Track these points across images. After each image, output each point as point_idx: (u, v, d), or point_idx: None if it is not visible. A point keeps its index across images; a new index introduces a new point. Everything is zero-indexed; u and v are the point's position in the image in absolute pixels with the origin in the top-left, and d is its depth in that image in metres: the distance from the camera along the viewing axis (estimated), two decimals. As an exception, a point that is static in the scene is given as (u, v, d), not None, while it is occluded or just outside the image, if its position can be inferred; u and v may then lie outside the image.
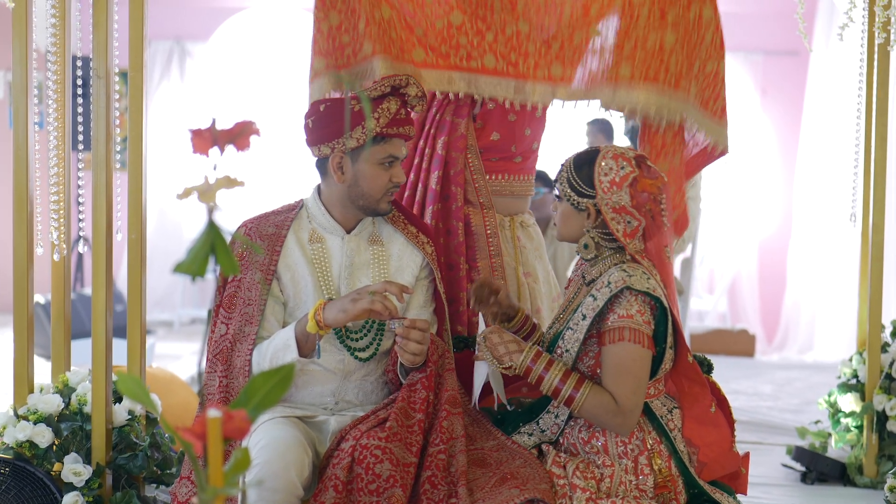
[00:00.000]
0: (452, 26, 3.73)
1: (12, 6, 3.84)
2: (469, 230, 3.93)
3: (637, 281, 3.16)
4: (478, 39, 3.74)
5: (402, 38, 3.77)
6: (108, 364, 3.95)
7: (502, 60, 3.75)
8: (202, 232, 1.96)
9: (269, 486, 3.04)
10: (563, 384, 3.20)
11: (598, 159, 3.25)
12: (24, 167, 3.96)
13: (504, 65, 3.76)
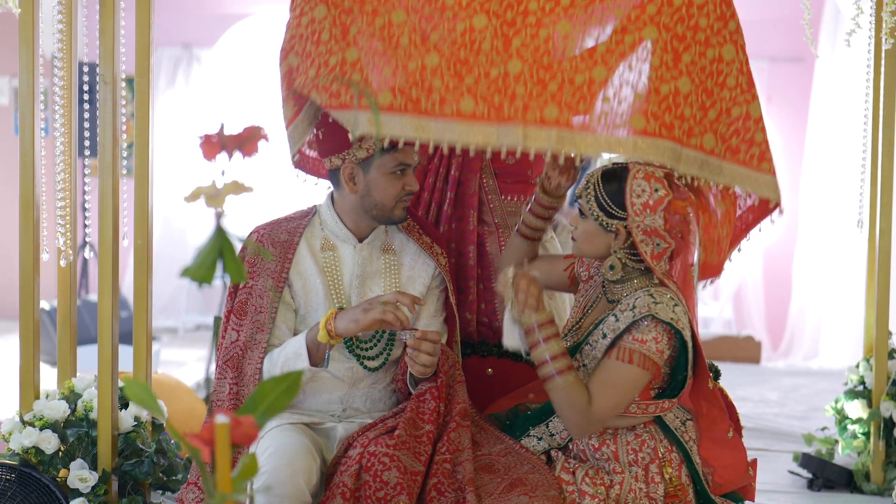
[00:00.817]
0: (427, 69, 3.30)
1: (18, 12, 3.84)
2: (483, 251, 3.89)
3: (662, 310, 3.12)
4: (455, 82, 3.30)
5: (368, 80, 3.35)
6: (115, 370, 3.95)
7: (483, 104, 3.26)
8: (210, 237, 1.95)
9: (278, 492, 3.04)
10: (552, 362, 3.14)
11: (628, 179, 3.19)
12: (30, 173, 3.96)
13: (485, 108, 3.27)
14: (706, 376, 3.32)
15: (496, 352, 3.80)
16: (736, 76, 3.33)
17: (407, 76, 3.29)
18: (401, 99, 3.26)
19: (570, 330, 3.39)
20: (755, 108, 3.34)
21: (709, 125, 3.30)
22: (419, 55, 3.31)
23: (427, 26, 3.32)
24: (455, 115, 3.25)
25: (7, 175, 10.73)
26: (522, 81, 3.26)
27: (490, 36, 3.29)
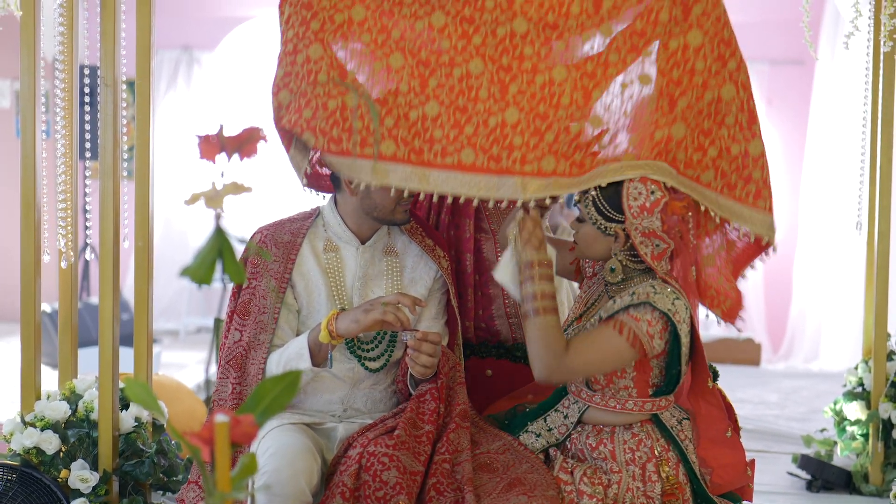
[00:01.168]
0: (427, 118, 3.28)
1: (20, 14, 3.86)
2: (480, 257, 3.89)
3: (661, 299, 3.15)
4: (455, 132, 3.28)
5: (370, 128, 3.30)
6: (115, 371, 3.96)
7: (482, 155, 3.24)
8: (209, 238, 1.97)
9: (279, 492, 3.05)
10: (538, 299, 3.16)
11: (625, 182, 3.22)
12: (31, 175, 3.98)
13: (485, 159, 3.25)
14: (706, 375, 3.34)
15: (495, 353, 3.82)
16: (735, 114, 3.32)
17: (409, 126, 3.28)
18: (404, 149, 3.25)
19: (570, 323, 3.41)
20: (755, 146, 3.33)
21: (710, 163, 3.30)
22: (419, 103, 3.29)
23: (425, 71, 3.31)
24: (456, 166, 3.26)
25: (8, 177, 10.75)
26: (520, 131, 3.25)
27: (487, 82, 3.29)
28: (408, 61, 3.32)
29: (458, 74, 3.30)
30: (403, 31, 3.34)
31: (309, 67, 3.33)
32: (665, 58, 3.30)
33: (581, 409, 3.34)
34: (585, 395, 3.34)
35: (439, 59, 3.32)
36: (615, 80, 3.33)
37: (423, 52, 3.32)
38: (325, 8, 3.35)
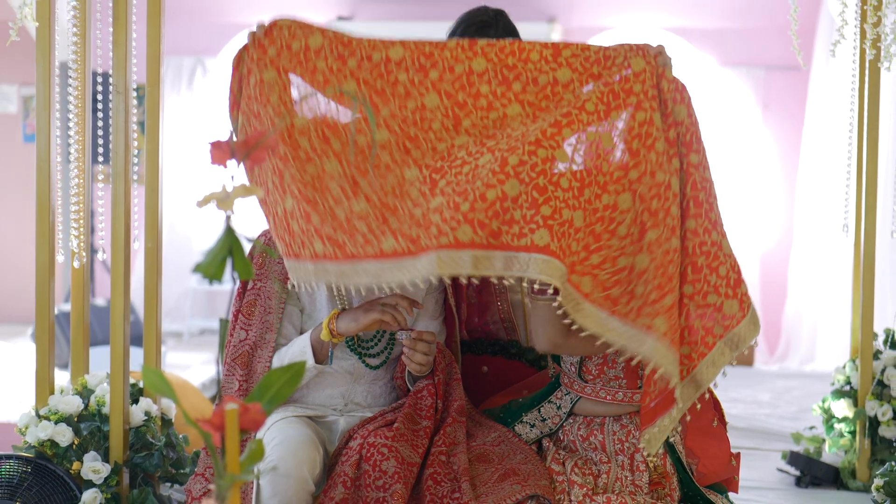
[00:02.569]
0: (354, 214, 3.21)
1: (37, 25, 4.00)
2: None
3: None
4: (379, 224, 3.21)
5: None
6: (126, 367, 4.11)
7: (481, 232, 3.08)
8: (220, 237, 2.11)
9: (283, 481, 3.19)
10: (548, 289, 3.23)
11: None
12: (46, 179, 4.12)
13: (405, 243, 3.16)
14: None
15: (490, 350, 3.94)
16: (629, 226, 3.19)
17: (334, 223, 3.23)
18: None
19: None
20: (642, 260, 3.16)
21: (589, 268, 3.14)
22: (348, 202, 3.24)
23: (356, 173, 3.27)
24: (378, 255, 3.18)
25: (15, 182, 10.89)
26: (439, 212, 3.14)
27: (419, 183, 3.22)
28: (343, 167, 3.27)
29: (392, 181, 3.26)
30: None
31: (262, 178, 3.33)
32: (588, 119, 3.24)
33: (573, 400, 3.49)
34: (577, 386, 3.48)
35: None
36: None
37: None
38: (283, 36, 3.40)
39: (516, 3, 9.80)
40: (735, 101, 10.09)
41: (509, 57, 3.33)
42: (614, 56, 3.35)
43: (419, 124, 3.28)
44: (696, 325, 3.22)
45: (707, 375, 3.20)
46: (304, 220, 3.24)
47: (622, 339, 3.10)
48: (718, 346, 3.21)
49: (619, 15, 10.02)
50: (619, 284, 3.14)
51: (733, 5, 9.83)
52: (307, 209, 3.24)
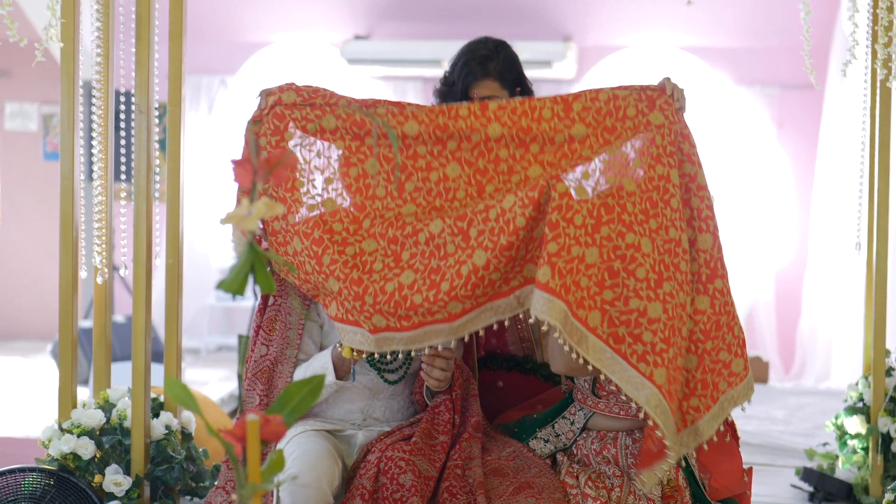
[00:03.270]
0: (404, 287, 3.34)
1: (61, 45, 4.08)
2: None
3: None
4: (433, 293, 3.30)
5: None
6: (147, 382, 4.18)
7: (520, 277, 3.30)
8: (243, 253, 2.17)
9: (302, 493, 3.25)
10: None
11: None
12: (69, 196, 4.19)
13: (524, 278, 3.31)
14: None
15: (506, 366, 4.00)
16: (647, 270, 3.26)
17: (387, 299, 3.33)
18: (393, 321, 3.34)
19: None
20: (654, 308, 3.24)
21: (601, 303, 3.23)
22: (394, 276, 3.37)
23: (396, 247, 3.41)
24: (447, 318, 3.33)
25: (35, 199, 11.00)
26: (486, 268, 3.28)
27: (450, 236, 3.37)
28: (380, 245, 3.41)
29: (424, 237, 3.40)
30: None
31: (299, 259, 3.46)
32: (612, 172, 3.37)
33: (587, 416, 3.54)
34: (591, 402, 3.54)
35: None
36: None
37: (390, 230, 3.43)
38: (297, 119, 3.50)
39: (532, 21, 9.89)
40: (750, 120, 10.15)
41: (522, 118, 3.43)
42: (625, 107, 3.44)
43: (444, 195, 3.42)
44: (708, 379, 3.33)
45: (708, 428, 3.32)
46: (354, 300, 3.35)
47: (622, 380, 3.20)
48: (720, 401, 3.33)
49: (634, 34, 10.08)
50: (628, 325, 3.23)
51: (748, 24, 9.89)
52: (356, 290, 3.35)
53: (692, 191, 3.39)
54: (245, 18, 10.32)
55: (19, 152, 11.16)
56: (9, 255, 11.26)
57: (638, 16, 9.93)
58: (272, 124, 3.52)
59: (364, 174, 3.46)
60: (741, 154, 10.12)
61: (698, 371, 3.32)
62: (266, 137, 3.49)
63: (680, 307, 3.27)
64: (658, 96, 3.45)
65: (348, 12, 10.06)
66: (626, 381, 3.19)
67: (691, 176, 3.39)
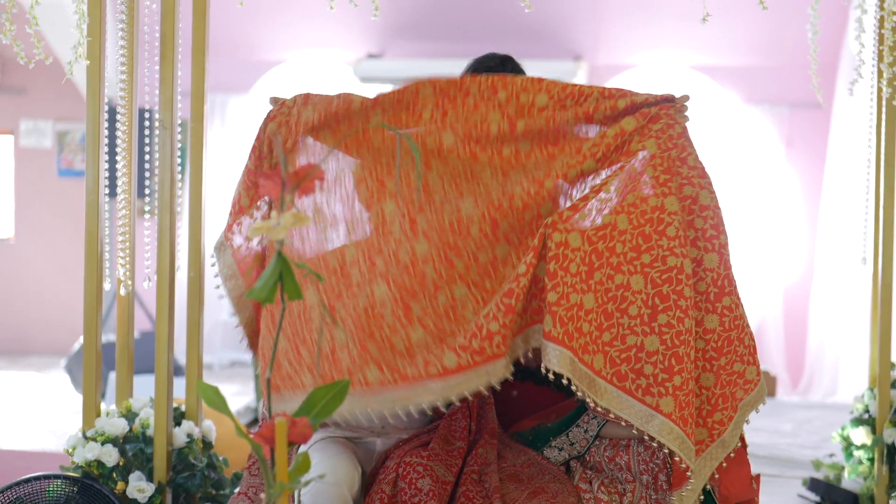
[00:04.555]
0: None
1: (88, 63, 4.19)
2: None
3: None
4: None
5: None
6: (170, 391, 4.29)
7: (465, 355, 3.29)
8: (272, 263, 2.27)
9: (323, 498, 3.35)
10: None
11: None
12: (95, 212, 4.28)
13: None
14: None
15: (520, 376, 4.07)
16: (639, 306, 3.34)
17: (393, 352, 3.36)
18: (388, 373, 3.34)
19: None
20: (651, 342, 3.32)
21: (601, 346, 3.32)
22: (405, 329, 3.37)
23: (406, 295, 3.40)
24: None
25: (50, 216, 11.11)
26: (425, 345, 3.33)
27: (472, 303, 3.40)
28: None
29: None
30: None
31: (267, 325, 3.48)
32: (594, 230, 3.38)
33: (600, 424, 3.64)
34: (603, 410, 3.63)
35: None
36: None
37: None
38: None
39: (543, 41, 10.00)
40: (759, 138, 10.24)
41: (548, 145, 3.51)
42: (630, 142, 3.51)
43: (458, 232, 3.43)
44: (727, 392, 3.44)
45: (732, 438, 3.44)
46: (359, 348, 3.36)
47: (631, 415, 3.31)
48: (740, 409, 3.45)
49: (644, 52, 10.19)
50: (628, 362, 3.33)
51: (758, 44, 9.99)
52: (362, 338, 3.36)
53: (695, 212, 3.46)
54: (259, 37, 10.44)
55: (34, 169, 11.28)
56: (23, 271, 11.37)
57: (648, 35, 10.04)
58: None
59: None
60: (750, 172, 10.21)
61: (717, 387, 3.42)
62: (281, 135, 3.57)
63: (684, 333, 3.34)
64: (661, 108, 3.52)
65: (362, 31, 10.18)
66: (636, 416, 3.30)
67: (693, 198, 3.46)
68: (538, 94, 3.56)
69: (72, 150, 11.26)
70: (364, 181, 3.53)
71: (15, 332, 11.39)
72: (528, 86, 3.57)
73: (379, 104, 3.54)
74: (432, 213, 3.46)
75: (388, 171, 3.51)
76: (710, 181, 3.53)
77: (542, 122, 3.52)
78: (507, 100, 3.55)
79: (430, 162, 3.50)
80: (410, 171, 3.52)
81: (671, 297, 3.36)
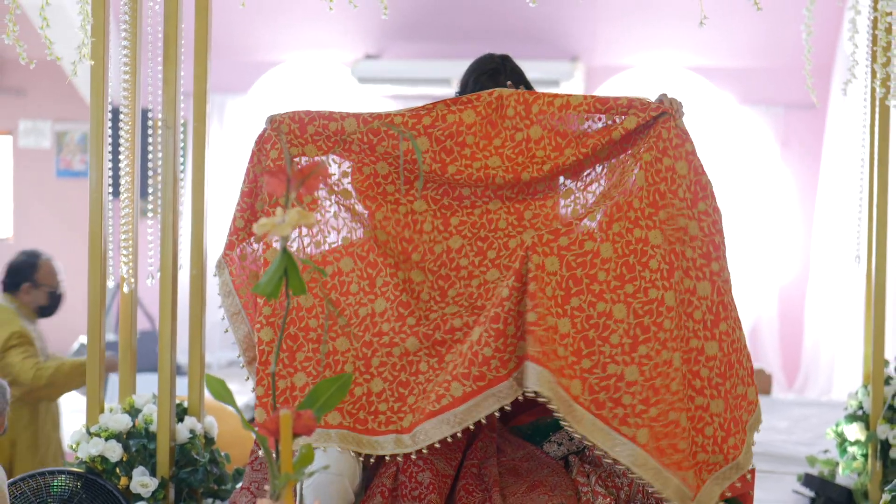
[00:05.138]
0: (372, 393, 3.52)
1: (92, 63, 4.24)
2: None
3: None
4: (398, 404, 3.51)
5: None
6: (173, 388, 4.34)
7: (468, 382, 3.41)
8: (277, 259, 2.32)
9: (325, 491, 3.41)
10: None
11: None
12: (98, 212, 4.32)
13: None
14: None
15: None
16: (621, 336, 3.39)
17: (354, 401, 3.51)
18: (349, 420, 3.49)
19: None
20: (631, 372, 3.38)
21: (580, 372, 3.37)
22: (364, 381, 3.53)
23: (368, 351, 3.55)
24: (398, 431, 3.48)
25: (49, 216, 11.14)
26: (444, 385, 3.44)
27: (426, 356, 3.53)
28: (353, 345, 3.57)
29: (398, 353, 3.57)
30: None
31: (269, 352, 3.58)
32: (575, 253, 3.45)
33: (597, 419, 3.70)
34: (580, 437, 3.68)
35: (381, 340, 3.56)
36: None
37: (366, 334, 3.57)
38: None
39: (540, 42, 10.05)
40: (754, 139, 10.29)
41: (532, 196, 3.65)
42: (622, 169, 3.58)
43: (448, 265, 3.60)
44: (736, 416, 3.53)
45: (746, 461, 3.55)
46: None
47: (606, 443, 3.36)
48: (748, 431, 3.56)
49: (640, 54, 10.24)
50: (607, 390, 3.38)
51: (753, 45, 10.04)
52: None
53: (686, 242, 3.50)
54: (258, 38, 10.48)
55: (33, 169, 11.30)
56: (22, 271, 11.38)
57: (644, 36, 10.09)
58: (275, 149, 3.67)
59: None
60: (746, 172, 10.26)
61: (727, 412, 3.50)
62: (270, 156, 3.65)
63: (663, 365, 3.40)
64: (660, 123, 3.58)
65: (359, 32, 10.23)
66: (612, 445, 3.35)
67: (684, 229, 3.50)
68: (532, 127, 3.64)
69: (70, 150, 11.28)
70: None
71: (14, 332, 11.40)
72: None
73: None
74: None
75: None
76: (703, 209, 3.56)
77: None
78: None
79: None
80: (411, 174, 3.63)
81: (651, 328, 3.42)
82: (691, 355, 3.47)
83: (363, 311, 3.57)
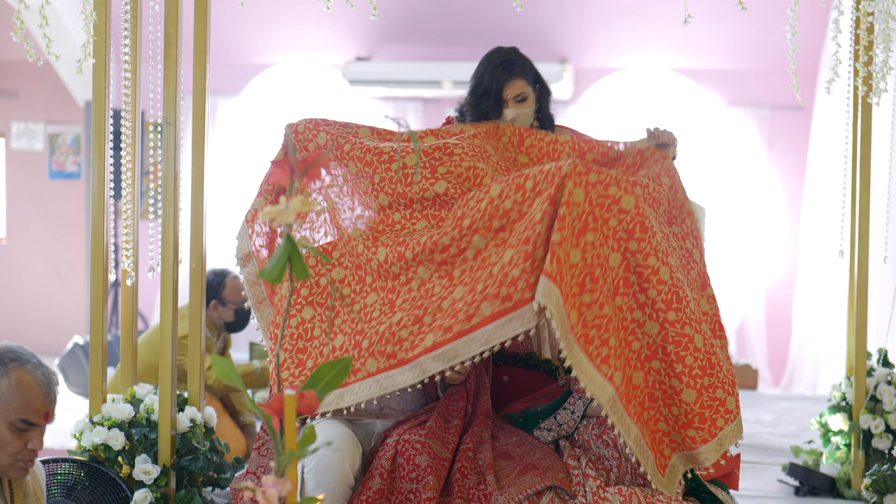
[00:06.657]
0: (393, 325, 3.65)
1: (94, 61, 4.34)
2: None
3: None
4: (417, 327, 3.62)
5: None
6: (174, 378, 4.44)
7: (497, 302, 3.49)
8: (281, 246, 2.42)
9: (326, 474, 3.53)
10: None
11: None
12: (101, 211, 4.44)
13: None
14: None
15: (511, 362, 4.25)
16: (614, 279, 3.57)
17: (380, 338, 3.65)
18: (383, 361, 3.62)
19: None
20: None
21: (578, 305, 3.46)
22: (386, 318, 3.70)
23: (393, 296, 3.76)
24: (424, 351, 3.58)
25: (42, 218, 11.22)
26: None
27: (437, 278, 3.70)
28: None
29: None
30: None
31: (305, 327, 3.82)
32: (569, 274, 3.50)
33: (585, 404, 3.82)
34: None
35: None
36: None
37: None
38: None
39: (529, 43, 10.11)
40: (740, 140, 10.38)
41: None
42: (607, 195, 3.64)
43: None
44: (706, 414, 3.63)
45: (707, 459, 3.63)
46: (353, 349, 3.67)
47: (589, 381, 3.44)
48: (719, 437, 3.65)
49: (629, 56, 10.35)
50: (598, 328, 3.48)
51: (739, 48, 10.15)
52: (358, 339, 3.69)
53: (652, 283, 3.59)
54: (249, 40, 10.56)
55: (26, 171, 11.36)
56: (15, 273, 11.46)
57: (632, 38, 10.20)
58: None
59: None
60: (732, 173, 10.35)
61: (696, 405, 3.60)
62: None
63: (633, 322, 3.58)
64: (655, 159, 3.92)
65: (350, 35, 10.33)
66: (591, 382, 3.43)
67: (653, 269, 3.58)
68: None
69: (63, 152, 11.35)
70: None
71: (7, 333, 11.48)
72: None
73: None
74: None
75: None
76: (687, 257, 3.80)
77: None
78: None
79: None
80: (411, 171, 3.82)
81: (642, 293, 3.59)
82: (682, 340, 3.58)
83: (374, 264, 3.74)
